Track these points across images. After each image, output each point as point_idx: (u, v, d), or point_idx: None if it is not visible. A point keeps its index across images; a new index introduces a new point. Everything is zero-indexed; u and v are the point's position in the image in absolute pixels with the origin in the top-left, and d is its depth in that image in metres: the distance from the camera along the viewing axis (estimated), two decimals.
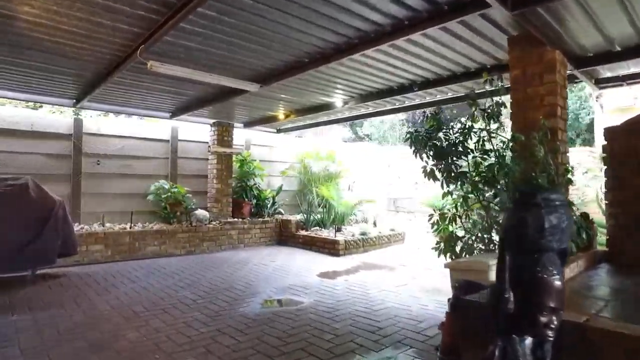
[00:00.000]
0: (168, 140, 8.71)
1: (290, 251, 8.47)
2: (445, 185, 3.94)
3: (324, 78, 5.92)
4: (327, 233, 8.98)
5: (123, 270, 6.33)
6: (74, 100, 7.23)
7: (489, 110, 3.75)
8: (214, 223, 8.56)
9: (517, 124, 4.11)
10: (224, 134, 9.12)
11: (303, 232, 9.21)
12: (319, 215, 9.91)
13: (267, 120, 9.25)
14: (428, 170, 3.93)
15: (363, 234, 8.82)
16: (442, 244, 4.00)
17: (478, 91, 5.12)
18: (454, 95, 6.83)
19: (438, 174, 3.94)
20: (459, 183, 3.89)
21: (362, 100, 7.05)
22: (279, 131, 10.74)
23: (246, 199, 9.46)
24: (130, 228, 7.41)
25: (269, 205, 9.87)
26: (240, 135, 9.99)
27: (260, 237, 9.21)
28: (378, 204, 10.57)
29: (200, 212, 8.33)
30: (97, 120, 7.89)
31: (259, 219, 9.34)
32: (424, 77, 5.82)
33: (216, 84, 6.01)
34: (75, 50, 4.76)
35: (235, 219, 9.02)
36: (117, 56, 4.95)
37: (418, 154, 3.94)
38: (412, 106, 7.70)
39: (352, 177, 11.86)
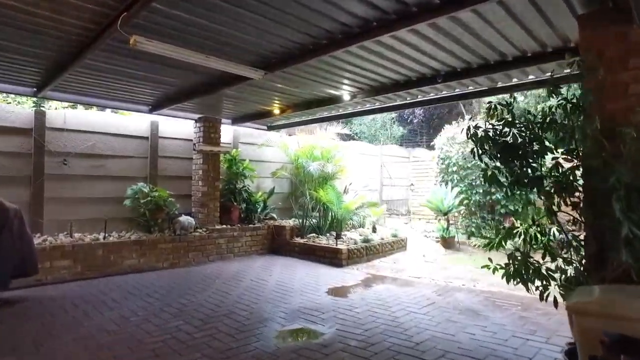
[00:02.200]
0: (147, 137, 7.66)
1: (287, 262, 7.59)
2: (509, 193, 3.17)
3: (337, 66, 5.09)
4: (326, 241, 8.15)
5: (97, 291, 5.30)
6: (35, 89, 6.11)
7: (574, 101, 3.02)
8: (200, 231, 7.59)
9: (589, 118, 3.41)
10: (210, 131, 8.14)
11: (299, 240, 8.34)
12: (314, 220, 9.07)
13: (259, 116, 8.34)
14: (489, 173, 3.15)
15: (365, 241, 8.04)
16: (511, 266, 3.22)
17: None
18: (473, 90, 6.15)
19: (502, 179, 3.17)
20: (528, 190, 3.12)
21: (373, 93, 6.26)
22: (270, 128, 9.83)
23: (235, 203, 8.51)
24: (104, 239, 6.35)
25: (259, 210, 8.95)
26: (228, 131, 9.02)
27: (251, 246, 8.28)
28: (380, 208, 9.81)
29: (185, 219, 7.34)
30: (63, 113, 6.76)
31: (250, 225, 8.41)
32: (451, 66, 5.08)
33: (208, 71, 5.09)
34: (36, 21, 3.76)
35: (224, 226, 8.06)
36: (90, 30, 3.96)
37: (479, 155, 3.16)
38: (423, 101, 6.96)
39: (348, 178, 11.07)
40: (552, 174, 3.13)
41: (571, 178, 3.03)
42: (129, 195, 6.96)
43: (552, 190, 3.05)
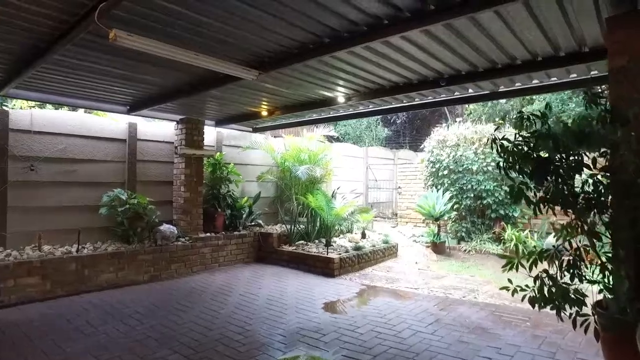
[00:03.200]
0: (125, 140, 7.10)
1: (275, 272, 7.19)
2: (537, 211, 2.88)
3: (337, 67, 4.75)
4: (315, 248, 7.79)
5: (69, 313, 4.77)
6: None
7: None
8: (182, 240, 7.10)
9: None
10: (193, 133, 7.64)
11: (287, 248, 7.95)
12: (302, 227, 8.69)
13: (245, 117, 7.90)
14: (516, 189, 2.86)
15: (357, 249, 7.72)
16: (535, 291, 2.93)
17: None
18: (473, 94, 5.93)
19: (530, 195, 2.87)
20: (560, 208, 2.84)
21: (370, 96, 5.95)
22: (255, 130, 9.39)
23: (219, 209, 8.04)
24: (77, 252, 5.80)
25: (244, 216, 8.51)
26: (211, 134, 8.54)
27: (237, 255, 7.84)
28: (371, 214, 9.51)
29: (166, 228, 6.84)
30: (29, 113, 6.15)
31: (235, 233, 7.97)
32: (456, 69, 4.81)
33: (194, 70, 4.65)
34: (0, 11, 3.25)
35: (208, 234, 7.59)
36: (62, 21, 3.47)
37: (505, 169, 2.86)
38: (418, 105, 6.71)
39: (336, 182, 10.76)
40: (584, 189, 2.87)
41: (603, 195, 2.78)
42: (104, 202, 6.41)
43: (585, 207, 2.78)
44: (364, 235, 9.09)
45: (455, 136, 9.50)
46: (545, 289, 2.93)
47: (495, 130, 9.50)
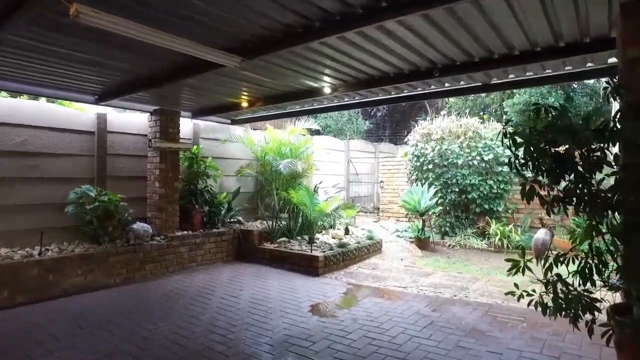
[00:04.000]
0: (93, 132, 6.58)
1: (257, 271, 6.85)
2: (553, 211, 2.66)
3: (326, 54, 4.42)
4: (298, 246, 7.49)
5: (30, 325, 4.31)
6: None
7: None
8: (157, 239, 6.66)
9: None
10: (168, 125, 7.17)
11: (269, 246, 7.63)
12: (284, 223, 8.37)
13: (224, 109, 7.49)
14: (527, 188, 2.63)
15: (341, 246, 7.47)
16: (546, 298, 2.72)
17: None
18: (465, 86, 5.73)
19: (543, 194, 2.65)
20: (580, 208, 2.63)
21: (357, 87, 5.66)
22: (234, 122, 8.97)
23: (196, 206, 7.62)
24: (39, 254, 5.30)
25: (223, 212, 8.11)
26: (187, 126, 8.08)
27: (215, 253, 7.46)
28: (355, 210, 9.27)
29: (140, 226, 6.39)
30: None
31: (214, 230, 7.57)
32: (451, 58, 4.56)
33: (170, 56, 4.23)
34: None
35: (185, 232, 7.18)
36: None
37: (516, 167, 2.62)
38: (405, 97, 6.47)
39: (318, 176, 10.46)
40: (599, 188, 2.66)
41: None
42: (71, 200, 5.91)
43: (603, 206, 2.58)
44: (347, 231, 8.84)
45: (440, 130, 9.34)
46: (554, 296, 2.74)
47: (481, 124, 9.48)
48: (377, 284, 6.15)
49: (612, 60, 4.54)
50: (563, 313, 2.68)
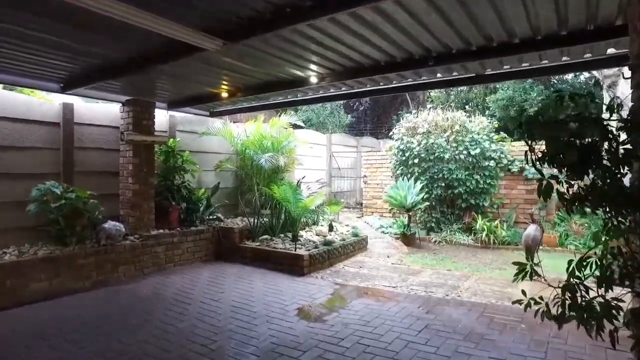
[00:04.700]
0: (58, 123, 6.06)
1: (239, 272, 6.50)
2: (572, 212, 2.41)
3: (313, 39, 4.09)
4: (282, 244, 7.17)
5: None
6: None
7: None
8: (131, 238, 6.22)
9: None
10: (142, 117, 6.70)
11: (251, 244, 7.27)
12: (266, 219, 8.03)
13: (202, 100, 7.07)
14: (544, 185, 2.38)
15: (326, 243, 7.19)
16: (562, 305, 2.47)
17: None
18: (447, 78, 5.52)
19: (562, 192, 2.41)
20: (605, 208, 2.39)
21: (345, 76, 5.36)
22: (212, 114, 8.53)
23: (173, 203, 7.19)
24: None
25: (202, 209, 7.70)
26: (163, 118, 7.61)
27: (194, 253, 7.06)
28: (340, 206, 8.98)
29: (112, 225, 5.93)
30: None
31: (192, 228, 7.16)
32: (447, 46, 4.31)
33: (144, 37, 3.82)
34: None
35: (161, 231, 6.74)
36: None
37: (533, 161, 2.37)
38: (394, 88, 6.23)
39: (299, 171, 10.12)
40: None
41: None
42: (34, 197, 5.39)
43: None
44: (331, 228, 8.57)
45: (427, 123, 9.15)
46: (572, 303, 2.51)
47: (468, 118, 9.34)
48: (366, 283, 5.90)
49: (611, 51, 4.39)
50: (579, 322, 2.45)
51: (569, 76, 14.67)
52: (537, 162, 2.44)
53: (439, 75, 5.45)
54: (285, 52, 4.49)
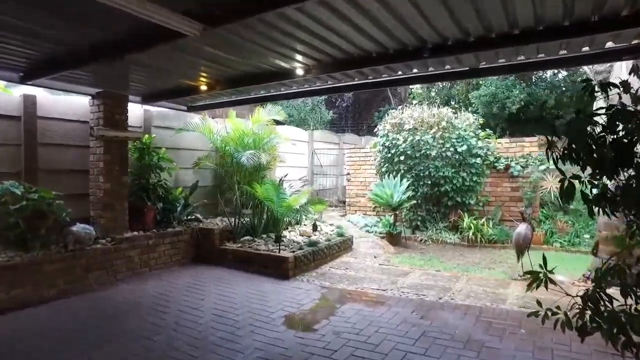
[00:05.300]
0: (19, 117, 5.54)
1: (219, 275, 6.13)
2: (599, 213, 2.19)
3: (301, 25, 3.79)
4: (264, 245, 6.84)
5: None
6: None
7: None
8: (103, 241, 5.76)
9: None
10: (114, 111, 6.23)
11: (232, 246, 6.91)
12: (247, 219, 7.67)
13: (179, 93, 6.65)
14: (566, 184, 2.15)
15: (311, 244, 6.89)
16: (589, 321, 2.24)
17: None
18: (439, 72, 5.31)
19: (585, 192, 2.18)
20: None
21: (334, 68, 5.08)
22: (190, 108, 8.09)
23: (149, 203, 6.74)
24: None
25: (179, 209, 7.28)
26: (137, 112, 7.15)
27: (171, 256, 6.64)
28: (325, 204, 8.68)
29: (81, 228, 5.47)
30: None
31: (169, 230, 6.74)
32: (444, 36, 4.07)
33: (115, 20, 3.43)
34: None
35: (135, 233, 6.30)
36: None
37: (555, 159, 2.13)
38: (384, 82, 5.98)
39: (281, 169, 9.78)
40: None
41: None
42: None
43: None
44: (315, 228, 8.28)
45: (413, 119, 8.94)
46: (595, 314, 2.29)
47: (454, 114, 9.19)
48: (354, 286, 5.64)
49: (610, 44, 4.25)
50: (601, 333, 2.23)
51: (548, 74, 14.81)
52: (558, 160, 2.21)
53: (430, 68, 5.23)
54: (271, 40, 4.16)
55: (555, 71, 14.55)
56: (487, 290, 5.36)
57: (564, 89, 13.57)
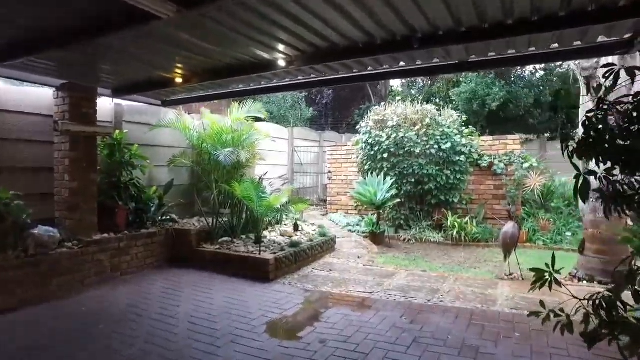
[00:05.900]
0: None
1: (196, 280, 5.79)
2: (611, 212, 2.01)
3: (283, 10, 3.50)
4: (244, 247, 6.53)
5: None
6: None
7: None
8: (68, 245, 5.33)
9: None
10: (81, 104, 5.78)
11: (209, 247, 6.57)
12: (225, 219, 7.33)
13: (153, 86, 6.25)
14: (581, 182, 1.95)
15: (293, 245, 6.61)
16: (599, 327, 2.07)
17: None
18: (427, 65, 5.13)
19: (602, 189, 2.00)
20: None
21: (317, 60, 4.81)
22: (165, 103, 7.68)
23: (120, 202, 6.32)
24: None
25: (153, 209, 6.87)
26: (107, 106, 6.70)
27: (145, 259, 6.25)
28: (306, 204, 8.41)
29: (44, 230, 5.03)
30: None
31: (142, 231, 6.33)
32: (435, 26, 3.86)
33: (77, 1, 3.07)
34: None
35: (105, 235, 5.87)
36: None
37: (570, 154, 1.94)
38: (369, 75, 5.76)
39: (260, 167, 9.46)
40: None
41: None
42: None
43: None
44: (297, 228, 8.00)
45: (396, 116, 8.76)
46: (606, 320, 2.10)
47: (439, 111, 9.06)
48: (339, 289, 5.40)
49: (601, 39, 4.14)
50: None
51: (526, 73, 14.97)
52: (573, 155, 2.03)
53: (418, 62, 5.03)
54: (251, 27, 3.85)
55: (533, 70, 14.73)
56: (476, 291, 5.21)
57: (541, 88, 13.71)
